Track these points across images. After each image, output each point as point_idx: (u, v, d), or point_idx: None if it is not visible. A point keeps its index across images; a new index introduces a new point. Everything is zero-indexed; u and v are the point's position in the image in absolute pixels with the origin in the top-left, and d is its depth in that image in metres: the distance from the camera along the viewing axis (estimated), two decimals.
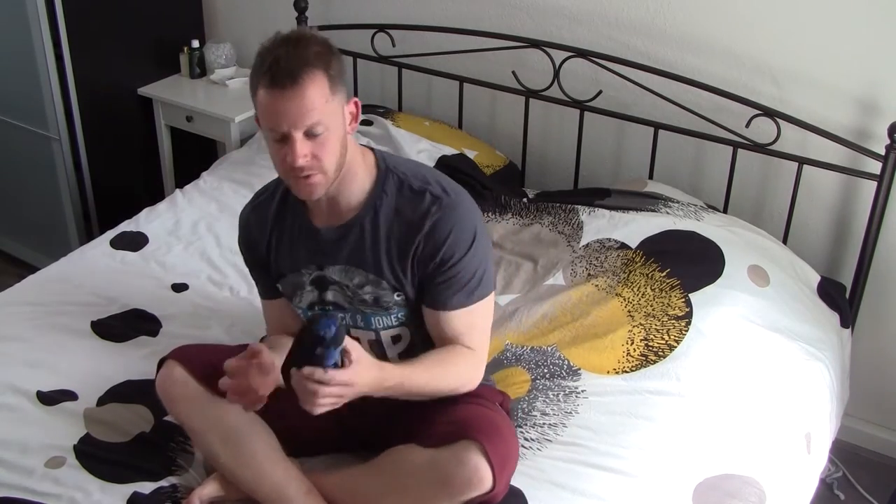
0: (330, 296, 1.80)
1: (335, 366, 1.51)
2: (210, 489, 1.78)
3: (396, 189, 1.73)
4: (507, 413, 1.87)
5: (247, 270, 2.45)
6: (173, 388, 1.80)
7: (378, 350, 1.83)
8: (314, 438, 1.89)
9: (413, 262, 1.72)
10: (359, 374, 1.55)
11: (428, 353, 1.75)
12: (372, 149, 1.79)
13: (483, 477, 1.58)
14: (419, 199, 1.71)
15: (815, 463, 2.07)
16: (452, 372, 1.74)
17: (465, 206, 1.74)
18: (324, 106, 1.58)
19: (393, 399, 1.82)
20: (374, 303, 1.77)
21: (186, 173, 3.28)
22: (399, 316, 1.79)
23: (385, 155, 1.79)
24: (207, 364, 1.79)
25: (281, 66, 1.55)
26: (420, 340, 1.82)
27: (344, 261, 1.75)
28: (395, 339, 1.83)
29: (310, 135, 1.59)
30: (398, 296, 1.76)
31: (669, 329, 2.17)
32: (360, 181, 1.73)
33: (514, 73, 2.87)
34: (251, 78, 1.62)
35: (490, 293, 1.78)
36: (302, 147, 1.59)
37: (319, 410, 1.53)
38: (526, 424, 1.95)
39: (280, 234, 1.83)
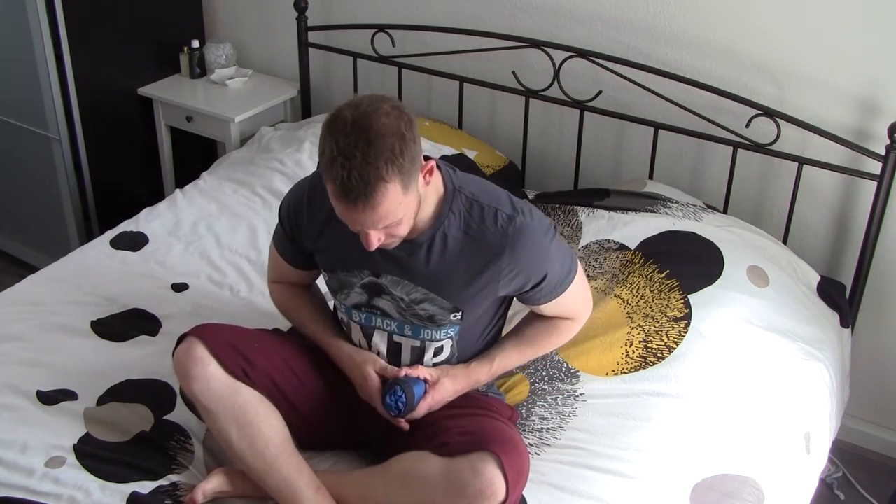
0: (380, 303, 1.79)
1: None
2: (214, 484, 1.77)
3: (466, 209, 1.71)
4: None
5: (247, 270, 2.48)
6: (193, 366, 1.76)
7: (417, 354, 1.83)
8: (324, 433, 1.89)
9: (494, 284, 1.73)
10: (441, 392, 1.79)
11: (521, 329, 1.92)
12: (439, 166, 1.72)
13: (497, 489, 1.58)
14: (491, 219, 1.70)
15: (814, 463, 2.07)
16: (543, 346, 1.91)
17: (536, 221, 1.73)
18: (397, 207, 1.55)
19: None
20: (428, 319, 1.77)
21: (186, 173, 3.27)
22: (449, 332, 1.79)
23: (452, 172, 1.75)
24: (227, 345, 1.79)
25: (352, 182, 1.48)
26: (459, 352, 1.85)
27: (406, 276, 1.74)
28: (438, 351, 1.83)
29: (384, 227, 1.59)
30: (454, 316, 1.76)
31: (668, 330, 2.17)
32: (428, 204, 1.69)
33: (514, 73, 2.87)
34: (320, 160, 1.54)
35: (578, 267, 1.84)
36: (375, 235, 1.59)
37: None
38: (524, 430, 1.95)
39: (336, 230, 1.76)
